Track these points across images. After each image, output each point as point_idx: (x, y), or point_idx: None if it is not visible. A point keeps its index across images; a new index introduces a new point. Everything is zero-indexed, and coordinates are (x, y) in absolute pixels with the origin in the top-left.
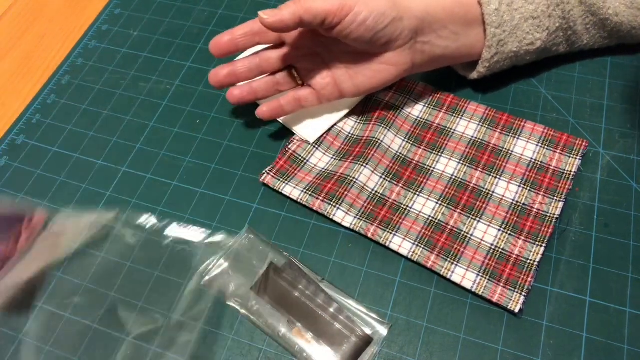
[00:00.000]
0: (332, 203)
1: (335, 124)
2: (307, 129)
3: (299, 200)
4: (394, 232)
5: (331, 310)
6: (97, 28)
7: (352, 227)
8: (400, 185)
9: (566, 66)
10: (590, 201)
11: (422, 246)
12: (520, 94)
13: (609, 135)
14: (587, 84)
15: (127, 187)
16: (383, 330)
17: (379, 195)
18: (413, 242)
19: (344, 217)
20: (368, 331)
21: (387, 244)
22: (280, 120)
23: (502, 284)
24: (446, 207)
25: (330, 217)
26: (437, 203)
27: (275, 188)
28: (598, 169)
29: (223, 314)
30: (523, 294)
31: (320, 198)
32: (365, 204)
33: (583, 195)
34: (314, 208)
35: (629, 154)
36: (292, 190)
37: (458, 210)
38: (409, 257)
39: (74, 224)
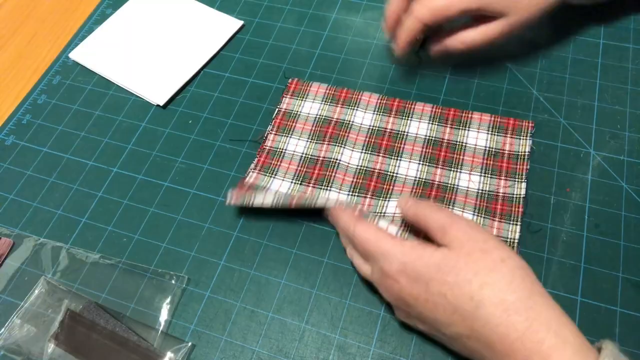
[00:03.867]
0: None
1: (185, 86)
2: (155, 91)
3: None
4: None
5: (131, 344)
6: (88, 28)
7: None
8: (368, 196)
9: (557, 68)
10: (581, 201)
11: None
12: (512, 95)
13: (599, 136)
14: (578, 86)
15: (118, 188)
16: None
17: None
18: None
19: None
20: (170, 355)
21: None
22: (123, 85)
23: None
24: None
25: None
26: None
27: (246, 203)
28: (589, 170)
29: None
30: None
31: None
32: None
33: (574, 196)
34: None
35: (619, 154)
36: (263, 201)
37: None
38: None
39: None
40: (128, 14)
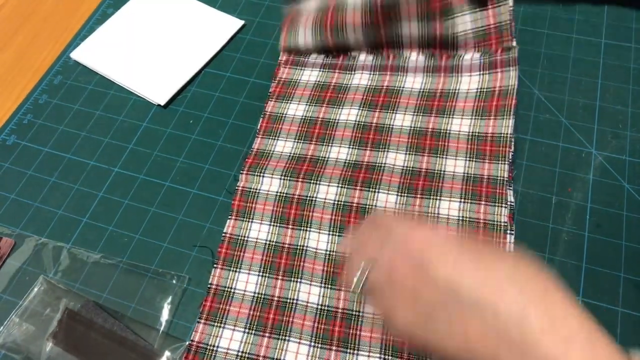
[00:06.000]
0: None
1: (186, 86)
2: (156, 91)
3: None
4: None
5: (129, 342)
6: (89, 27)
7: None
8: (358, 188)
9: (559, 67)
10: (582, 201)
11: None
12: None
13: (601, 136)
14: (579, 85)
15: (119, 188)
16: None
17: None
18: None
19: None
20: (168, 354)
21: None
22: (124, 85)
23: None
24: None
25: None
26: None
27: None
28: (590, 170)
29: None
30: None
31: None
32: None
33: (575, 196)
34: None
35: (620, 154)
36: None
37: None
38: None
39: None
40: (129, 13)
